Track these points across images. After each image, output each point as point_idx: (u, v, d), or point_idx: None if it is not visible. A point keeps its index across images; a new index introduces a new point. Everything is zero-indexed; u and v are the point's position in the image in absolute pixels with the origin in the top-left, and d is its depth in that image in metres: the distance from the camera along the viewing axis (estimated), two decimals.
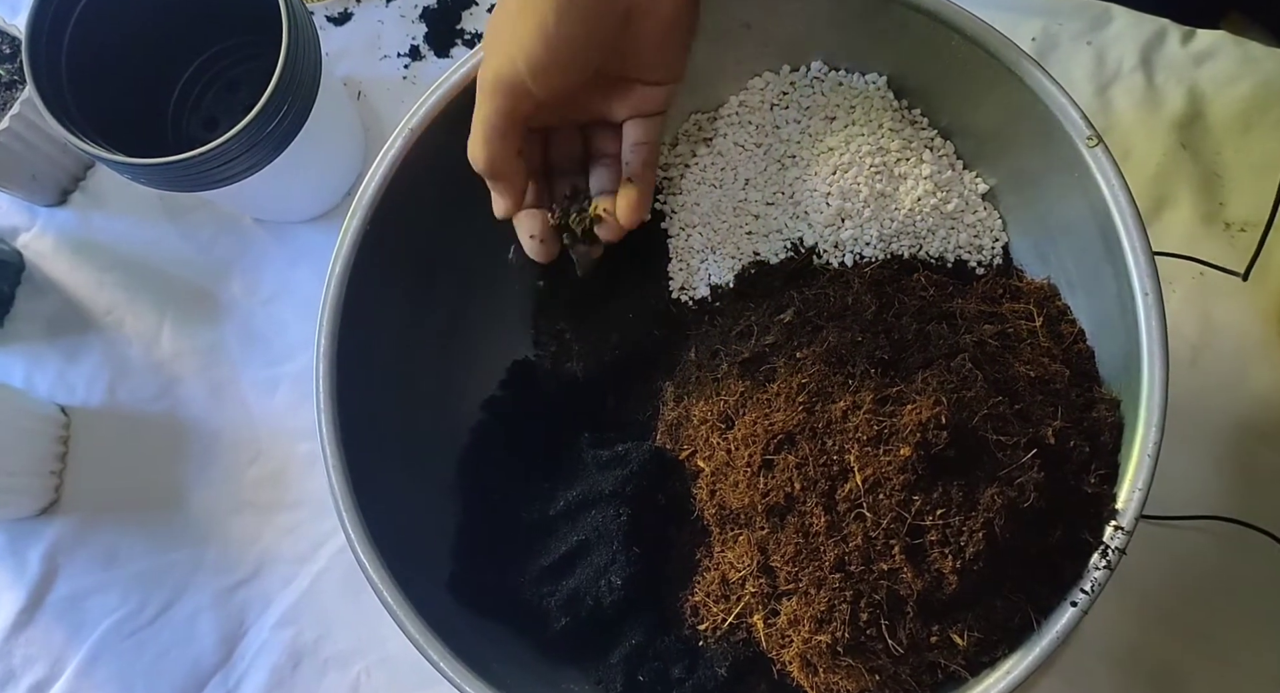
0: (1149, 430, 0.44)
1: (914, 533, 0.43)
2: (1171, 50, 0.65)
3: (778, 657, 0.47)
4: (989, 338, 0.49)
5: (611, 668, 0.50)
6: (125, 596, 0.63)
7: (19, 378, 0.68)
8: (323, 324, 0.51)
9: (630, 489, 0.51)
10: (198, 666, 0.62)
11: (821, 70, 0.55)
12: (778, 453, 0.46)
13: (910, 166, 0.53)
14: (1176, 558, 0.58)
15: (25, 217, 0.70)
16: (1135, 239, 0.46)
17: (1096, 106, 0.64)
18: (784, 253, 0.53)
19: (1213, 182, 0.63)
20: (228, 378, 0.66)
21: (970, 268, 0.54)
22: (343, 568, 0.62)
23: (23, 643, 0.64)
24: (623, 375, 0.56)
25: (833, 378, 0.47)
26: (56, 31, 0.58)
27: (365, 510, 0.49)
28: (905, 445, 0.43)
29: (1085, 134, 0.47)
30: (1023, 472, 0.44)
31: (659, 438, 0.53)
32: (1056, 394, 0.47)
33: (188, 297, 0.68)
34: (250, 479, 0.65)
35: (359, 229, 0.52)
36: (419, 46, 0.70)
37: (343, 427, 0.50)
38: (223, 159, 0.55)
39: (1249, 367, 0.60)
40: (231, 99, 0.67)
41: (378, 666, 0.61)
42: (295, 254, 0.67)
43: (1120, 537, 0.44)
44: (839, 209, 0.52)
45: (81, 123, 0.57)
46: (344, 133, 0.66)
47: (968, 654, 0.44)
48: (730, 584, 0.48)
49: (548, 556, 0.52)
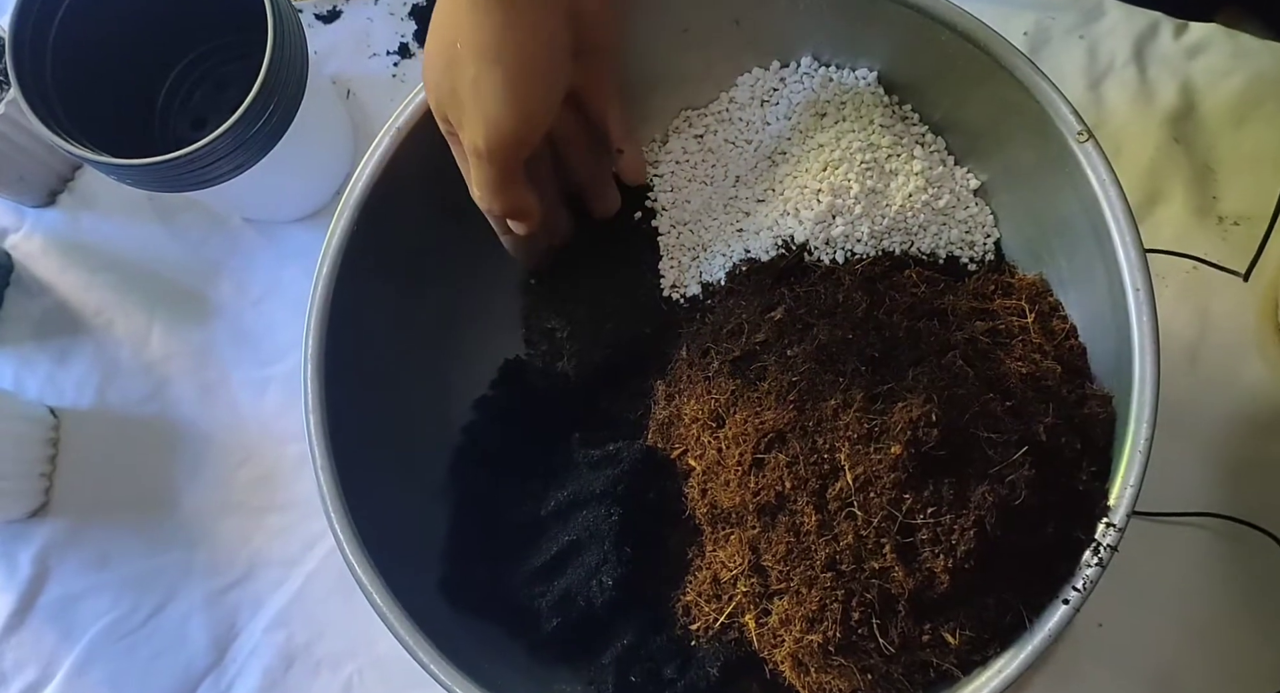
0: (1141, 427, 0.44)
1: (905, 532, 0.43)
2: (1164, 44, 0.65)
3: (770, 656, 0.46)
4: (980, 335, 0.49)
5: (603, 668, 0.50)
6: (116, 598, 0.63)
7: (8, 380, 0.67)
8: (310, 325, 0.51)
9: (621, 489, 0.50)
10: (190, 668, 0.62)
11: (811, 66, 0.55)
12: (769, 452, 0.46)
13: (901, 163, 0.53)
14: (1172, 555, 0.57)
15: (13, 218, 0.70)
16: (1126, 235, 0.46)
17: (1089, 101, 0.64)
18: (775, 250, 0.53)
19: (1206, 176, 0.63)
20: (218, 379, 0.66)
21: (962, 264, 0.53)
22: (334, 570, 0.62)
23: (13, 646, 0.63)
24: (614, 374, 0.56)
25: (823, 376, 0.46)
26: (41, 31, 0.57)
27: (355, 512, 0.49)
28: (896, 444, 0.43)
29: (1076, 129, 0.47)
30: (1014, 469, 0.43)
31: (650, 437, 0.53)
32: (1048, 391, 0.47)
33: (177, 297, 0.67)
34: (241, 481, 0.64)
35: (347, 228, 0.52)
36: (408, 44, 0.70)
37: (331, 428, 0.50)
38: (209, 159, 0.55)
39: (1243, 362, 0.60)
40: (220, 98, 0.67)
41: (370, 667, 0.61)
42: (285, 254, 0.67)
43: (1112, 534, 0.43)
44: (830, 206, 0.52)
45: (67, 124, 0.57)
46: (333, 131, 0.66)
47: (960, 653, 0.44)
48: (722, 584, 0.48)
49: (539, 556, 0.52)
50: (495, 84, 0.45)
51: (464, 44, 0.45)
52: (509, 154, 0.47)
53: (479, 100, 0.46)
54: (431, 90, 0.48)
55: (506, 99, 0.45)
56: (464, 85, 0.46)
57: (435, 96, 0.48)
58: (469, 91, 0.46)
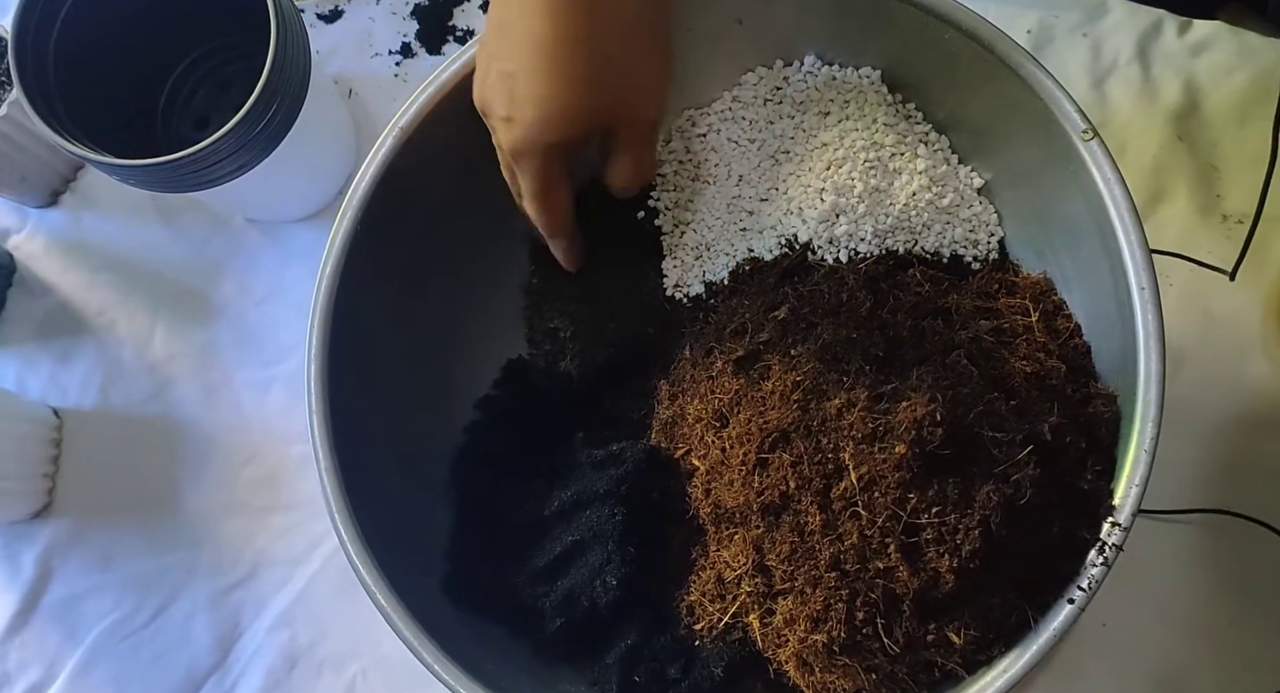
0: (1146, 425, 0.44)
1: (910, 531, 0.43)
2: (1168, 42, 0.64)
3: (774, 656, 0.46)
4: (984, 334, 0.48)
5: (607, 668, 0.50)
6: (120, 598, 0.63)
7: (11, 380, 0.67)
8: (314, 325, 0.51)
9: (625, 489, 0.50)
10: (193, 668, 0.62)
11: (815, 65, 0.55)
12: (773, 451, 0.46)
13: (905, 161, 0.53)
14: (1175, 554, 0.57)
15: (15, 218, 0.70)
16: (1131, 234, 0.45)
17: (1093, 99, 0.64)
18: (778, 249, 0.53)
19: (1210, 174, 0.63)
20: (221, 379, 0.66)
21: (966, 263, 0.53)
22: (338, 570, 0.62)
23: (17, 647, 0.63)
24: (617, 374, 0.56)
25: (827, 375, 0.46)
26: (43, 32, 0.57)
27: (358, 512, 0.49)
28: (900, 443, 0.43)
29: (1081, 128, 0.47)
30: (1019, 468, 0.43)
31: (654, 437, 0.53)
32: (1053, 390, 0.47)
33: (180, 297, 0.67)
34: (244, 481, 0.64)
35: (350, 228, 0.52)
36: (410, 44, 0.70)
37: (335, 428, 0.50)
38: (212, 159, 0.55)
39: (1246, 360, 0.60)
40: (222, 98, 0.67)
41: (373, 667, 0.61)
42: (288, 254, 0.67)
43: (1118, 533, 0.43)
44: (833, 205, 0.52)
45: (70, 124, 0.57)
46: (335, 131, 0.66)
47: (964, 653, 0.44)
48: (726, 584, 0.48)
49: (543, 556, 0.52)
50: (548, 75, 0.46)
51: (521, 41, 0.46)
52: (553, 151, 0.48)
53: (524, 93, 0.47)
54: (490, 101, 0.49)
55: (556, 92, 0.47)
56: (504, 76, 0.47)
57: (488, 101, 0.49)
58: (501, 84, 0.47)
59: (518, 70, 0.47)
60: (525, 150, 0.49)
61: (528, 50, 0.46)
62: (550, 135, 0.48)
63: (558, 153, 0.49)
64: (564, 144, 0.49)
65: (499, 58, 0.48)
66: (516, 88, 0.47)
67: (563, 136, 0.48)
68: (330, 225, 0.52)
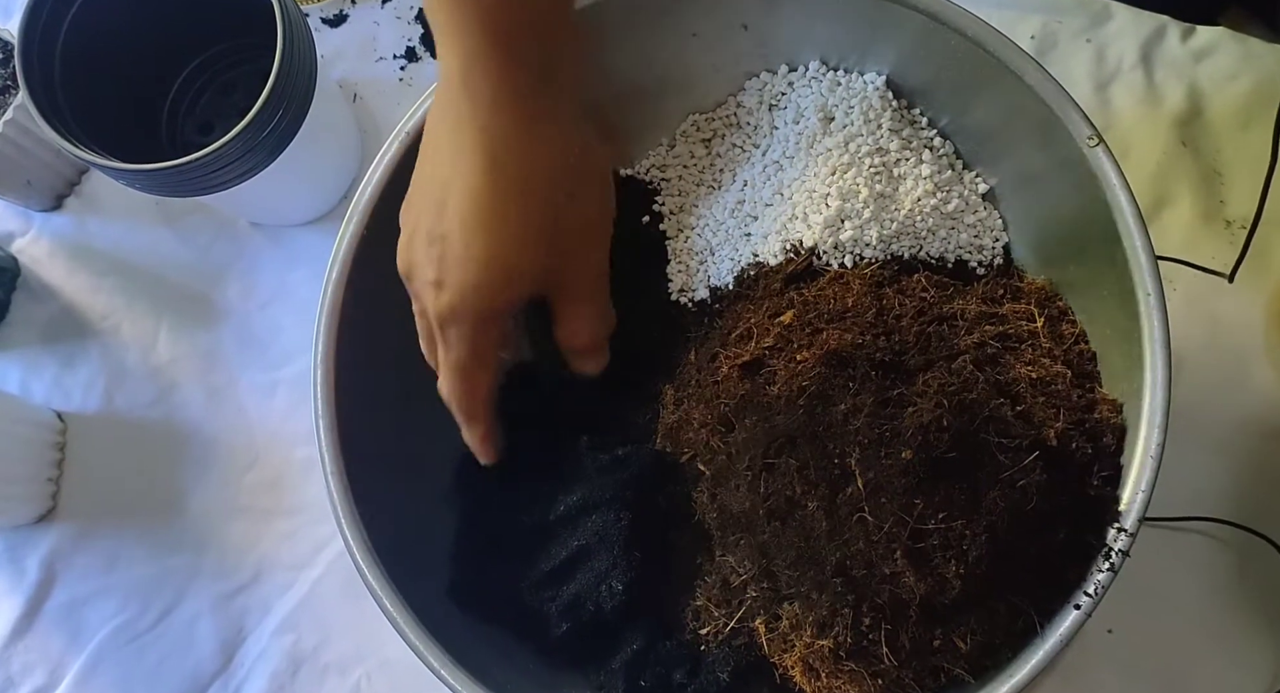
0: (1152, 431, 0.44)
1: (916, 537, 0.43)
2: (1171, 47, 0.65)
3: (780, 662, 0.46)
4: (990, 339, 0.48)
5: (613, 673, 0.50)
6: (124, 602, 0.63)
7: (15, 384, 0.67)
8: (320, 328, 0.51)
9: (630, 493, 0.50)
10: (197, 672, 0.62)
11: (819, 70, 0.55)
12: (778, 456, 0.46)
13: (910, 167, 0.53)
14: (1180, 560, 0.57)
15: (20, 222, 0.70)
16: (1137, 239, 0.45)
17: (1096, 104, 0.64)
18: (783, 254, 0.53)
19: (1213, 179, 0.63)
20: (225, 383, 0.66)
21: (971, 268, 0.53)
22: (342, 574, 0.62)
23: (21, 650, 0.63)
24: (622, 378, 0.56)
25: (833, 381, 0.46)
26: (49, 36, 0.57)
27: (364, 516, 0.49)
28: (906, 448, 0.43)
29: (1086, 133, 0.47)
30: (1025, 474, 0.43)
31: (659, 441, 0.53)
32: (1058, 396, 0.47)
33: (184, 301, 0.67)
34: (248, 485, 0.64)
35: (356, 232, 0.52)
36: (415, 48, 0.70)
37: (341, 432, 0.50)
38: (218, 164, 0.55)
39: (1251, 365, 0.60)
40: (227, 102, 0.67)
41: (378, 671, 0.61)
42: (292, 257, 0.67)
43: (1124, 539, 0.43)
44: (838, 210, 0.52)
45: (75, 128, 0.57)
46: (340, 135, 0.66)
47: (971, 658, 0.44)
48: (732, 588, 0.48)
49: (548, 560, 0.51)
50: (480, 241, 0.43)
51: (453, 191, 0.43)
52: (488, 318, 0.45)
53: (454, 260, 0.43)
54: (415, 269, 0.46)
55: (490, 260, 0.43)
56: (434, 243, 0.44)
57: (414, 269, 0.46)
58: (425, 254, 0.44)
59: (450, 230, 0.43)
60: (457, 318, 0.45)
61: (462, 207, 0.43)
62: (487, 301, 0.44)
63: (494, 321, 0.46)
64: (502, 310, 0.45)
65: (427, 216, 0.44)
66: (450, 249, 0.43)
67: (503, 300, 0.45)
68: (335, 229, 0.52)
